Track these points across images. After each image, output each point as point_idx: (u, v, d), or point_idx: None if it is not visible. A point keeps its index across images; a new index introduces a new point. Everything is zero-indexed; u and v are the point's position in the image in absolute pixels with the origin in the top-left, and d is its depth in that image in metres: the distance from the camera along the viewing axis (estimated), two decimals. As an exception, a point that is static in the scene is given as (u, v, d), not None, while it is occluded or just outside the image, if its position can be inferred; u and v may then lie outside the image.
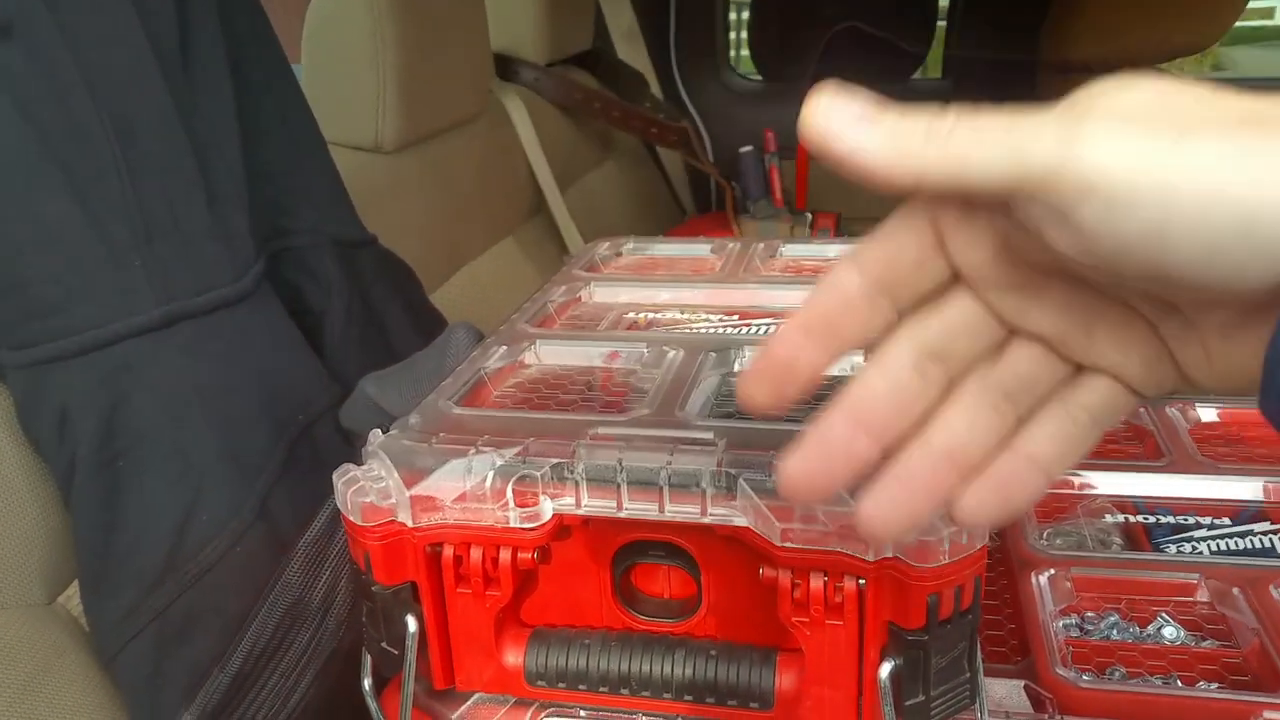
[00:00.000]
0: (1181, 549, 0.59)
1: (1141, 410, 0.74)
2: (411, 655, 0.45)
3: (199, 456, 0.55)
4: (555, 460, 0.43)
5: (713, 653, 0.45)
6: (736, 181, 1.79)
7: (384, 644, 0.45)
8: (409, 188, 1.08)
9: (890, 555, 0.39)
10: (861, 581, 0.40)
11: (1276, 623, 0.51)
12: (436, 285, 1.08)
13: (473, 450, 0.44)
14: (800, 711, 0.44)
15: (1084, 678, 0.48)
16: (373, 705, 0.48)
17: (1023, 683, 0.48)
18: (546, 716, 0.48)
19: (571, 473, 0.43)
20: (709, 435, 0.45)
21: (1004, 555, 0.59)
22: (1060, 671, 0.48)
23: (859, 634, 0.41)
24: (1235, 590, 0.54)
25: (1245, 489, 0.64)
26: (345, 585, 0.53)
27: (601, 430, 0.46)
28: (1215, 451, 0.70)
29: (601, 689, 0.46)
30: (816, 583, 0.41)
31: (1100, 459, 0.70)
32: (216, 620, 0.54)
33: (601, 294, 0.67)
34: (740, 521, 0.42)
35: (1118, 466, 0.68)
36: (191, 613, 0.54)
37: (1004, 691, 0.47)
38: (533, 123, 1.40)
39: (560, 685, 0.46)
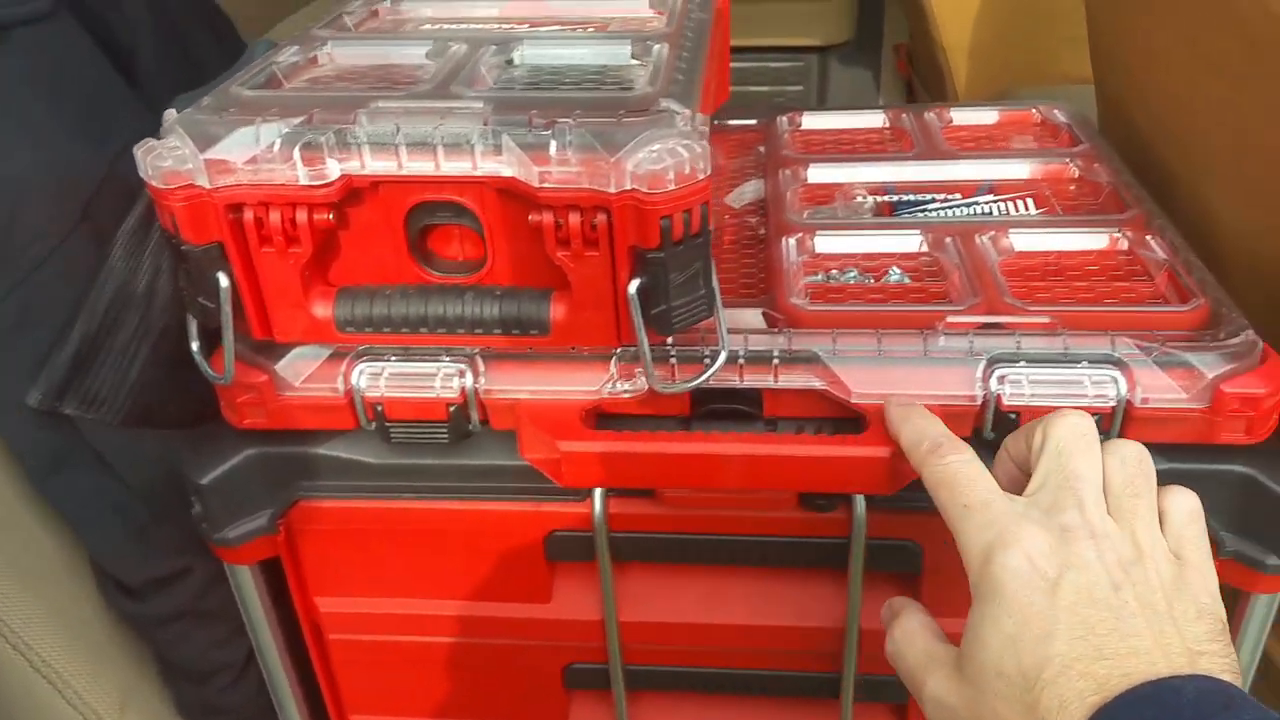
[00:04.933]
0: (915, 217, 0.70)
1: (903, 115, 0.83)
2: (227, 307, 0.51)
3: (16, 166, 0.58)
4: (338, 127, 0.49)
5: (498, 293, 0.53)
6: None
7: (201, 299, 0.51)
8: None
9: (629, 188, 0.47)
10: (608, 214, 0.48)
11: (975, 260, 0.62)
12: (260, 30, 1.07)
13: (259, 120, 0.48)
14: (572, 332, 0.52)
15: (810, 304, 0.58)
16: (201, 363, 0.54)
17: (762, 309, 0.58)
18: (361, 362, 0.55)
19: (354, 138, 0.49)
20: (479, 104, 0.50)
21: (767, 230, 0.68)
22: (793, 300, 0.58)
23: (610, 260, 0.49)
24: (948, 239, 0.64)
25: (977, 170, 0.75)
26: (166, 271, 0.58)
27: (381, 104, 0.51)
28: (962, 145, 0.80)
29: (404, 330, 0.53)
30: (575, 219, 0.48)
31: (861, 153, 0.79)
32: (50, 312, 0.58)
33: (403, 9, 0.70)
34: (508, 172, 0.49)
35: (875, 159, 0.77)
36: (26, 306, 0.58)
37: (747, 317, 0.57)
38: None
39: (368, 330, 0.53)
